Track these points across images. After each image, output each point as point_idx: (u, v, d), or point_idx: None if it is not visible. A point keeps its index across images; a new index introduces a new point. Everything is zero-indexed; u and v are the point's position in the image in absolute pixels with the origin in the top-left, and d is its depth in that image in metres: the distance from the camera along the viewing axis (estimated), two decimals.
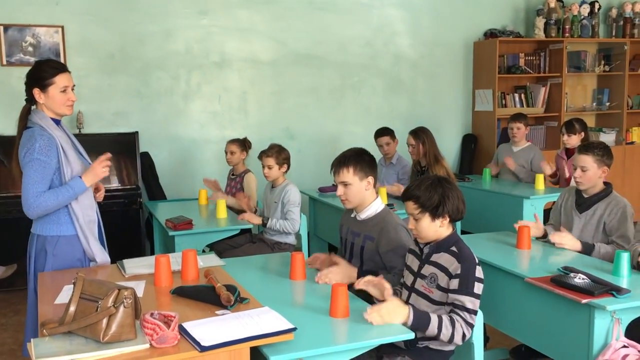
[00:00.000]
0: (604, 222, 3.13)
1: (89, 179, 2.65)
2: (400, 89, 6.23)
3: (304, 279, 2.62)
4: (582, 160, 3.17)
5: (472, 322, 2.21)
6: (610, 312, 2.36)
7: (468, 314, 2.19)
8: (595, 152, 3.16)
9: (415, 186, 2.33)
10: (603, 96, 6.84)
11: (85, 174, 2.65)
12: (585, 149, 3.21)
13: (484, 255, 2.93)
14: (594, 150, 3.17)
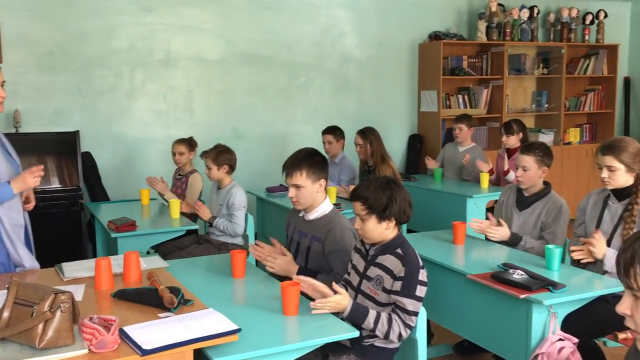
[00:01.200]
0: (541, 221, 3.25)
1: (17, 186, 2.58)
2: (348, 89, 6.28)
3: (242, 276, 2.60)
4: (524, 160, 3.28)
5: (411, 323, 2.24)
6: (547, 306, 2.45)
7: (408, 316, 2.23)
8: (536, 153, 3.27)
9: (364, 187, 2.35)
10: (542, 98, 7.08)
11: (15, 181, 2.57)
12: (527, 150, 3.32)
13: (428, 253, 2.99)
14: (535, 151, 3.28)
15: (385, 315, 2.23)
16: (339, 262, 2.60)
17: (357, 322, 2.18)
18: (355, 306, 2.20)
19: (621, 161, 2.80)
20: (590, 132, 7.34)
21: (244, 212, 3.96)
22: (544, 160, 3.27)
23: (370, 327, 2.20)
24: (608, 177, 2.84)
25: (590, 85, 7.31)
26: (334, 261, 2.62)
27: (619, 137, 2.97)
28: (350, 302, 2.20)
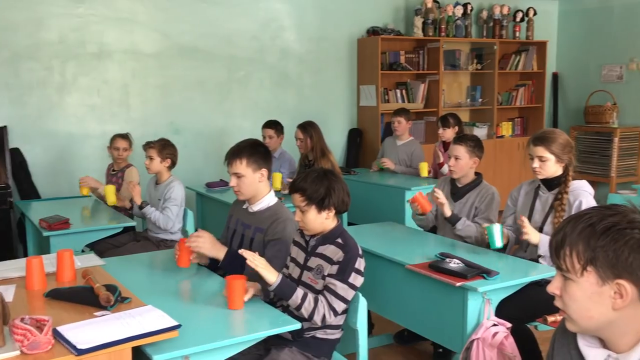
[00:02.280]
0: (475, 208, 3.36)
1: None
2: (288, 84, 6.27)
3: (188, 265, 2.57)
4: (456, 150, 3.38)
5: (337, 307, 2.24)
6: (482, 293, 2.54)
7: (335, 299, 2.24)
8: (467, 143, 3.39)
9: (301, 179, 2.36)
10: (476, 93, 7.30)
11: None
12: (460, 140, 3.44)
13: (368, 245, 3.03)
14: (467, 142, 3.40)
15: (312, 295, 2.24)
16: (274, 250, 2.60)
17: (285, 296, 2.21)
18: (285, 280, 2.22)
19: (551, 152, 2.93)
20: (522, 126, 7.63)
21: (179, 207, 3.89)
22: (474, 151, 3.38)
23: (297, 302, 2.21)
24: (539, 167, 2.97)
25: (521, 80, 7.59)
26: (270, 250, 2.61)
27: (549, 129, 3.11)
28: (280, 274, 2.22)
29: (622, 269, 1.19)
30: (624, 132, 6.96)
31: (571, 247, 1.24)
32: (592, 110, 7.27)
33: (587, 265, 1.22)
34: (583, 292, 1.24)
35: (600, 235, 1.20)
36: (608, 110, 7.13)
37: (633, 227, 1.20)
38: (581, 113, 7.47)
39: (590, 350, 1.32)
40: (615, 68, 7.29)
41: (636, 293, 1.21)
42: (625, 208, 1.25)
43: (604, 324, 1.26)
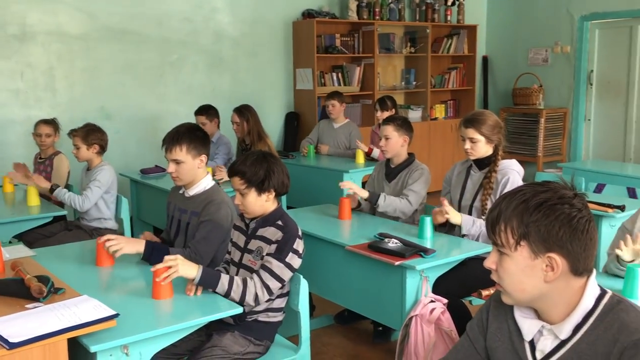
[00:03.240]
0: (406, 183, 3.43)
1: None
2: (223, 67, 6.17)
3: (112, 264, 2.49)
4: (385, 130, 3.44)
5: (271, 285, 2.22)
6: (419, 271, 2.60)
7: (269, 276, 2.21)
8: (395, 122, 3.46)
9: (240, 162, 2.34)
10: (410, 76, 7.42)
11: None
12: (387, 120, 3.52)
13: (308, 227, 3.04)
14: (395, 121, 3.47)
15: (240, 278, 2.22)
16: (203, 232, 2.56)
17: (211, 285, 2.15)
18: (207, 270, 2.17)
19: (481, 133, 3.02)
20: (454, 108, 7.83)
21: (101, 190, 3.75)
22: (403, 129, 3.44)
23: (225, 289, 2.16)
24: (470, 148, 3.06)
25: (452, 63, 7.78)
26: (199, 230, 2.57)
27: (479, 111, 3.20)
28: (200, 267, 2.16)
29: (553, 243, 1.25)
30: (550, 113, 7.27)
31: (506, 223, 1.28)
32: (519, 92, 7.55)
33: (521, 240, 1.27)
34: (517, 266, 1.29)
35: (532, 211, 1.25)
36: (534, 92, 7.41)
37: (563, 202, 1.25)
38: (510, 95, 7.73)
39: (525, 321, 1.38)
40: (541, 51, 7.58)
41: (566, 266, 1.26)
42: (557, 184, 1.30)
43: (536, 296, 1.31)
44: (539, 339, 1.36)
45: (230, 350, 2.22)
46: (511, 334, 1.42)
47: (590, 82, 7.28)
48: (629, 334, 1.23)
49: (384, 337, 3.35)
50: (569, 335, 1.31)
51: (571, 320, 1.30)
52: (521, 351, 1.38)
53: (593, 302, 1.30)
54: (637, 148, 6.93)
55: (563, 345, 1.32)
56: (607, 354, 1.25)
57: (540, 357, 1.35)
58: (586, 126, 7.38)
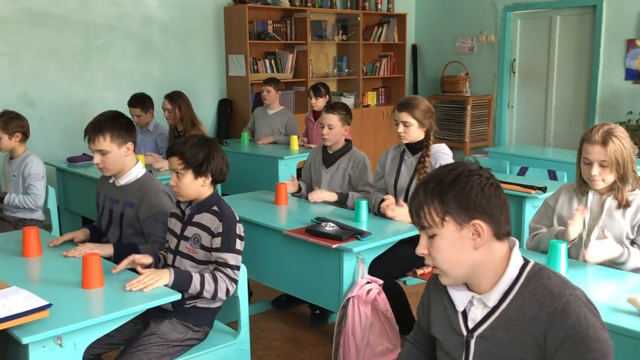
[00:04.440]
0: (348, 175, 3.49)
1: None
2: (153, 53, 6.01)
3: (39, 254, 2.41)
4: (329, 119, 3.47)
5: (236, 277, 2.28)
6: (356, 253, 2.66)
7: (231, 270, 2.26)
8: (340, 112, 3.50)
9: (181, 143, 2.31)
10: (342, 63, 7.49)
11: None
12: (332, 109, 3.53)
13: (245, 213, 3.04)
14: (339, 110, 3.51)
15: (209, 275, 2.23)
16: (159, 226, 2.53)
17: (183, 288, 2.15)
18: (179, 273, 2.17)
19: (414, 117, 3.11)
20: (385, 95, 7.97)
21: (43, 182, 3.63)
22: (346, 119, 3.51)
23: (197, 289, 2.19)
24: (404, 132, 3.14)
25: (383, 51, 7.90)
26: (152, 226, 2.54)
27: (412, 96, 3.29)
28: (171, 270, 2.15)
29: (474, 210, 1.34)
30: (476, 100, 7.53)
31: (428, 206, 1.37)
32: (447, 80, 7.77)
33: (445, 215, 1.36)
34: (446, 241, 1.37)
35: (449, 188, 1.35)
36: (461, 80, 7.65)
37: (473, 174, 1.36)
38: (438, 83, 7.95)
39: (457, 293, 1.46)
40: (467, 40, 7.83)
41: (490, 231, 1.36)
42: (463, 162, 1.42)
43: (469, 268, 1.39)
44: (470, 308, 1.44)
45: (169, 337, 2.20)
46: (446, 308, 1.50)
47: (513, 71, 7.59)
48: (553, 298, 1.32)
49: (322, 320, 3.41)
50: (497, 302, 1.39)
51: (498, 289, 1.39)
52: (455, 323, 1.46)
53: (517, 271, 1.40)
54: (557, 133, 7.31)
55: (492, 313, 1.40)
56: (535, 317, 1.33)
57: (472, 325, 1.43)
58: (509, 113, 7.70)
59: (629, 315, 1.81)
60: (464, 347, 1.44)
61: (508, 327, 1.36)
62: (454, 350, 1.46)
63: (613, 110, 6.53)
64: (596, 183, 2.32)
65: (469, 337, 1.43)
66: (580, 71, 6.97)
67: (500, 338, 1.37)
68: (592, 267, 2.26)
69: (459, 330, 1.45)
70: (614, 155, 2.25)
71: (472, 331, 1.42)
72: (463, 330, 1.44)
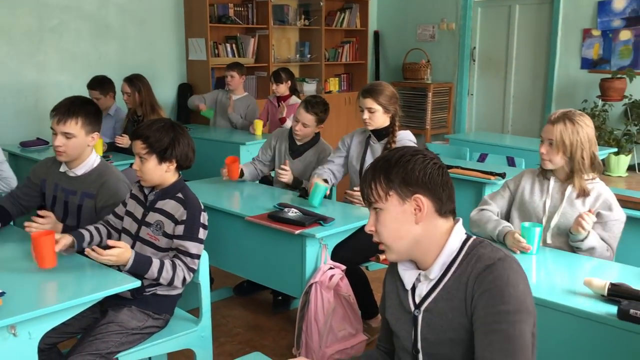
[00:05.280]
0: (313, 167, 3.45)
1: None
2: (109, 35, 5.83)
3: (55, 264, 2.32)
4: (305, 118, 3.41)
5: (194, 266, 2.24)
6: (319, 239, 2.65)
7: (191, 259, 2.22)
8: (318, 114, 3.41)
9: (146, 126, 2.25)
10: (305, 49, 7.43)
11: None
12: (311, 108, 3.41)
13: (206, 199, 2.98)
14: (317, 112, 3.41)
15: (169, 262, 2.19)
16: None
17: (141, 272, 2.12)
18: (138, 257, 2.13)
19: (379, 103, 3.10)
20: (348, 82, 7.97)
21: (7, 164, 3.47)
22: (322, 119, 3.46)
23: (155, 276, 2.15)
24: (369, 118, 3.13)
25: (346, 37, 7.88)
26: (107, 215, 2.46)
27: (377, 82, 3.28)
28: (133, 253, 2.11)
29: (415, 185, 1.40)
30: (437, 87, 7.60)
31: (375, 181, 1.43)
32: (409, 67, 7.81)
33: (389, 190, 1.41)
34: (390, 215, 1.42)
35: (394, 165, 1.42)
36: (423, 67, 7.71)
37: (417, 154, 1.43)
38: (400, 70, 7.99)
39: (405, 272, 1.51)
40: (428, 28, 7.87)
41: (431, 206, 1.42)
42: (412, 146, 1.51)
43: (412, 242, 1.44)
44: (417, 285, 1.48)
45: (128, 325, 2.15)
46: (398, 289, 1.54)
47: (473, 59, 7.68)
48: (483, 261, 1.39)
49: (284, 306, 3.40)
50: (439, 275, 1.44)
51: (439, 262, 1.44)
52: (405, 301, 1.50)
53: (459, 245, 1.45)
54: (515, 121, 7.45)
55: (436, 286, 1.45)
56: (466, 282, 1.39)
57: (419, 300, 1.47)
58: (469, 100, 7.80)
59: (585, 297, 1.85)
60: (412, 323, 1.48)
61: (448, 296, 1.41)
62: (404, 329, 1.50)
63: (569, 98, 6.69)
64: (545, 162, 2.36)
65: (416, 313, 1.47)
66: (538, 60, 7.10)
67: (442, 309, 1.42)
68: (551, 251, 2.31)
69: (408, 307, 1.49)
70: (560, 137, 2.28)
71: (419, 306, 1.47)
72: (411, 307, 1.48)
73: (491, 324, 1.33)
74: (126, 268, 2.09)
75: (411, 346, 1.48)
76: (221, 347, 2.96)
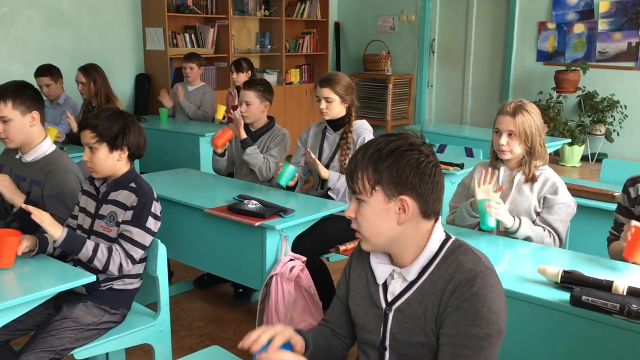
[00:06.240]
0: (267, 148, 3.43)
1: None
2: (63, 23, 5.67)
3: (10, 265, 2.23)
4: (246, 95, 3.39)
5: (135, 255, 2.17)
6: (279, 230, 2.63)
7: (132, 246, 2.16)
8: (257, 88, 3.40)
9: (94, 115, 2.19)
10: (265, 39, 7.38)
11: None
12: (249, 85, 3.43)
13: (164, 191, 2.94)
14: (257, 87, 3.41)
15: (105, 246, 2.14)
16: (61, 207, 2.38)
17: (73, 250, 2.07)
18: (71, 234, 2.08)
19: (336, 92, 3.11)
20: (308, 73, 7.94)
21: None
22: (265, 95, 3.41)
23: (89, 255, 2.09)
24: (326, 108, 3.13)
25: (306, 28, 7.85)
26: (54, 206, 2.38)
27: (334, 72, 3.29)
28: (65, 229, 2.06)
29: (404, 186, 1.34)
30: (397, 79, 7.65)
31: (362, 171, 1.36)
32: (369, 59, 7.84)
33: (376, 185, 1.35)
34: (373, 210, 1.37)
35: (385, 158, 1.34)
36: (383, 58, 7.74)
37: (412, 148, 1.35)
38: (360, 61, 8.01)
39: (379, 266, 1.47)
40: (388, 19, 7.91)
41: (417, 208, 1.36)
42: (407, 134, 1.40)
43: (391, 239, 1.40)
44: (391, 281, 1.45)
45: (83, 321, 2.10)
46: (368, 281, 1.50)
47: (432, 50, 7.75)
48: (462, 272, 1.35)
49: (245, 299, 3.38)
50: (416, 276, 1.41)
51: (418, 263, 1.41)
52: (375, 295, 1.47)
53: (438, 246, 1.41)
54: (473, 112, 7.57)
55: (411, 286, 1.41)
56: (442, 289, 1.36)
57: (391, 298, 1.44)
58: (429, 92, 7.88)
59: (539, 284, 1.90)
60: (382, 320, 1.45)
61: (422, 300, 1.39)
62: (372, 323, 1.47)
63: (525, 90, 6.83)
64: (504, 153, 2.41)
65: (387, 310, 1.44)
66: (496, 52, 7.22)
67: (415, 311, 1.39)
68: (505, 239, 2.36)
69: (379, 303, 1.46)
70: (522, 127, 2.35)
71: (391, 304, 1.43)
72: (382, 303, 1.45)
73: (459, 347, 1.32)
74: (57, 243, 2.04)
75: (379, 342, 1.46)
76: (181, 341, 2.92)
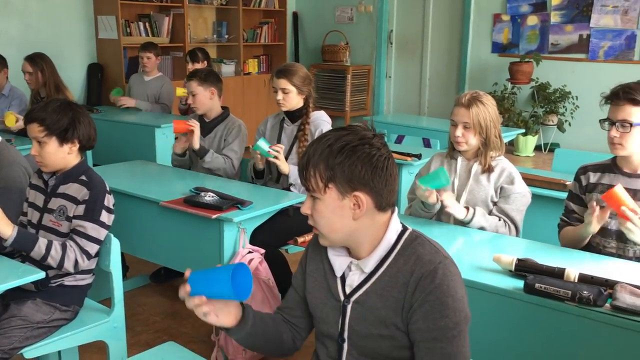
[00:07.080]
0: (224, 140, 3.39)
1: None
2: (9, 10, 5.45)
3: None
4: (190, 86, 3.32)
5: (90, 250, 2.13)
6: (237, 223, 2.60)
7: (87, 241, 2.11)
8: (197, 77, 3.31)
9: (40, 108, 2.11)
10: (222, 29, 7.26)
11: None
12: (191, 76, 3.35)
13: (117, 184, 2.87)
14: (197, 76, 3.32)
15: (59, 242, 2.08)
16: (5, 201, 2.30)
17: (26, 248, 2.01)
18: (23, 232, 2.02)
19: (293, 84, 3.08)
20: (267, 63, 7.87)
21: None
22: (207, 81, 3.31)
23: (42, 253, 2.03)
24: (283, 99, 3.10)
25: (264, 18, 7.77)
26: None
27: (290, 63, 3.26)
28: (15, 227, 2.00)
29: (357, 182, 1.33)
30: (355, 70, 7.66)
31: (314, 168, 1.34)
32: (328, 49, 7.82)
33: (328, 182, 1.33)
34: (327, 208, 1.35)
35: (336, 154, 1.32)
36: (342, 49, 7.74)
37: (364, 143, 1.33)
38: (319, 52, 7.98)
39: (337, 258, 1.46)
40: (346, 10, 7.90)
41: (371, 203, 1.36)
42: (359, 127, 1.38)
43: (347, 235, 1.39)
44: (348, 274, 1.44)
45: (32, 319, 2.03)
46: (325, 273, 1.49)
47: (390, 41, 7.79)
48: (423, 265, 1.35)
49: None
50: (373, 268, 1.41)
51: (375, 255, 1.40)
52: (333, 288, 1.46)
53: (395, 237, 1.41)
54: (431, 103, 7.65)
55: (369, 278, 1.41)
56: (405, 284, 1.36)
57: (349, 290, 1.43)
58: (387, 83, 7.92)
59: (494, 273, 1.93)
60: (341, 312, 1.44)
61: (382, 293, 1.38)
62: (330, 315, 1.47)
63: (481, 81, 6.93)
64: (460, 144, 2.44)
65: (345, 303, 1.43)
66: (452, 44, 7.31)
67: (375, 304, 1.39)
68: (461, 229, 2.38)
69: (337, 295, 1.45)
70: (477, 118, 2.37)
71: (349, 296, 1.43)
72: (340, 296, 1.44)
73: (431, 340, 1.33)
74: (7, 243, 1.97)
75: (337, 334, 1.45)
76: (137, 337, 2.87)
